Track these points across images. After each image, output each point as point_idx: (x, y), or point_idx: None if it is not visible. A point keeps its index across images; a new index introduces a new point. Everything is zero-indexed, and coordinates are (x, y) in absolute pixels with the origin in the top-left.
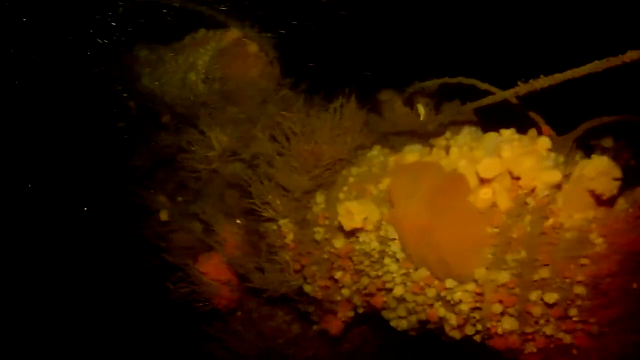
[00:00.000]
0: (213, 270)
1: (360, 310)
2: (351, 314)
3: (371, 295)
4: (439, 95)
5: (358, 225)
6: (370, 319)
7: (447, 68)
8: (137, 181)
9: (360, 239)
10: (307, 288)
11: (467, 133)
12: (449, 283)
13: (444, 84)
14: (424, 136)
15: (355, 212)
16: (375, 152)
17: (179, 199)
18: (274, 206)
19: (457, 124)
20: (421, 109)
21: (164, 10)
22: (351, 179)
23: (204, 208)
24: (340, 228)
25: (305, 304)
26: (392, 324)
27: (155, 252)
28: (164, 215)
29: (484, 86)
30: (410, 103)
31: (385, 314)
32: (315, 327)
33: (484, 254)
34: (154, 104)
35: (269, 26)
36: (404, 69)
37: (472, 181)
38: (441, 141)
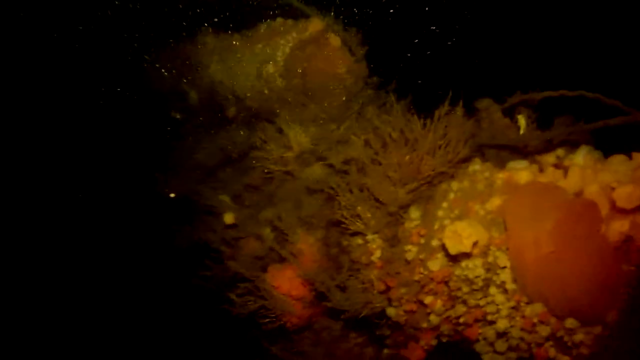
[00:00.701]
0: (286, 284)
1: (445, 340)
2: (434, 342)
3: (466, 325)
4: (542, 107)
5: (467, 249)
6: (454, 350)
7: (546, 80)
8: (200, 179)
9: (463, 264)
10: (391, 311)
11: (587, 153)
12: (570, 323)
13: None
14: (523, 151)
15: (464, 235)
16: (478, 166)
17: (247, 202)
18: (365, 219)
19: (567, 142)
20: (522, 122)
21: None
22: (452, 195)
23: (279, 214)
24: (442, 249)
25: (383, 328)
26: (485, 358)
27: (216, 259)
28: (229, 218)
29: (611, 102)
30: (510, 114)
31: (480, 347)
32: (386, 351)
33: (617, 295)
34: (220, 96)
35: (355, 19)
36: (504, 77)
37: (604, 209)
38: (549, 158)
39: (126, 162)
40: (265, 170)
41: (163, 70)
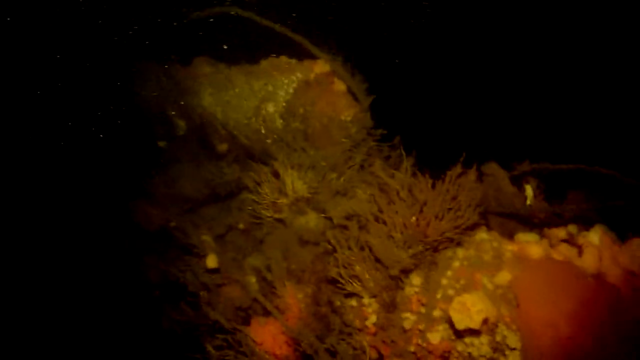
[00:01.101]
0: (270, 341)
1: None
2: None
3: None
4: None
5: (476, 325)
6: None
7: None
8: (181, 212)
9: (467, 340)
10: None
11: (603, 233)
12: None
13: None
14: (529, 222)
15: (474, 310)
16: (485, 234)
17: (230, 245)
18: (363, 280)
19: (579, 218)
20: (530, 192)
21: (237, 26)
22: (457, 263)
23: (267, 263)
24: (444, 321)
25: None
26: None
27: (192, 303)
28: (211, 262)
29: (610, 173)
30: (517, 182)
31: None
32: None
33: None
34: (211, 128)
35: (362, 67)
36: (513, 142)
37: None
38: (559, 233)
39: (102, 186)
40: (255, 215)
41: (151, 93)
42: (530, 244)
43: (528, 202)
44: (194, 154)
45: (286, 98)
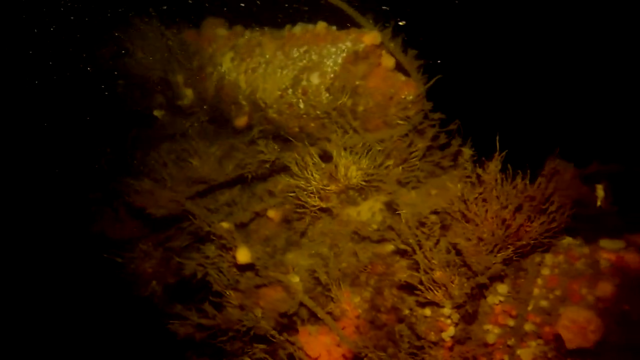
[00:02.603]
0: (325, 355)
1: None
2: None
3: None
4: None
5: (589, 344)
6: None
7: None
8: (190, 196)
9: None
10: None
11: None
12: None
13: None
14: (603, 225)
15: (590, 328)
16: (570, 239)
17: (255, 236)
18: (448, 287)
19: None
20: (601, 193)
21: None
22: (546, 271)
23: (314, 261)
24: (537, 336)
25: None
26: None
27: (218, 304)
28: (243, 255)
29: None
30: (588, 181)
31: None
32: None
33: None
34: (229, 99)
35: (416, 41)
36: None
37: None
38: None
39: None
40: (298, 202)
41: (149, 55)
42: (628, 252)
43: (598, 203)
44: (202, 127)
45: (334, 69)
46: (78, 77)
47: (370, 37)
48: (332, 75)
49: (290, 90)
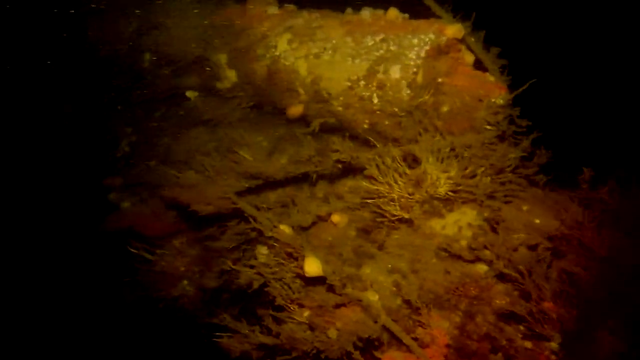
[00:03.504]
0: None
1: None
2: None
3: None
4: None
5: None
6: None
7: None
8: (240, 191)
9: None
10: None
11: None
12: None
13: None
14: None
15: None
16: None
17: (316, 242)
18: (561, 319)
19: None
20: None
21: None
22: None
23: (395, 277)
24: None
25: None
26: None
27: (278, 319)
28: (313, 266)
29: None
30: None
31: None
32: None
33: None
34: (283, 85)
35: (498, 37)
36: None
37: None
38: None
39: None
40: (375, 210)
41: (186, 31)
42: None
43: None
44: (244, 113)
45: (417, 63)
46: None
47: (453, 29)
48: (414, 70)
49: (362, 82)
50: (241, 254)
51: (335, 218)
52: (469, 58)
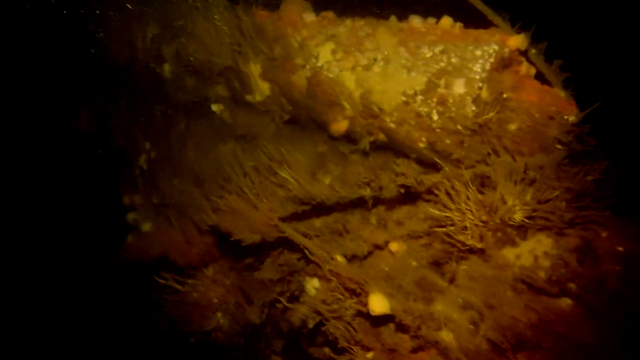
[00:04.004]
0: None
1: None
2: None
3: None
4: None
5: None
6: None
7: None
8: (285, 216)
9: None
10: None
11: None
12: None
13: None
14: None
15: None
16: None
17: (373, 272)
18: None
19: None
20: None
21: None
22: None
23: (479, 315)
24: None
25: None
26: None
27: None
28: (379, 304)
29: None
30: None
31: None
32: None
33: None
34: (326, 99)
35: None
36: None
37: None
38: None
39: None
40: (444, 239)
41: (214, 39)
42: None
43: None
44: (278, 129)
45: (482, 77)
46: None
47: (517, 40)
48: (480, 84)
49: (419, 97)
50: (286, 286)
51: (394, 246)
52: (531, 71)
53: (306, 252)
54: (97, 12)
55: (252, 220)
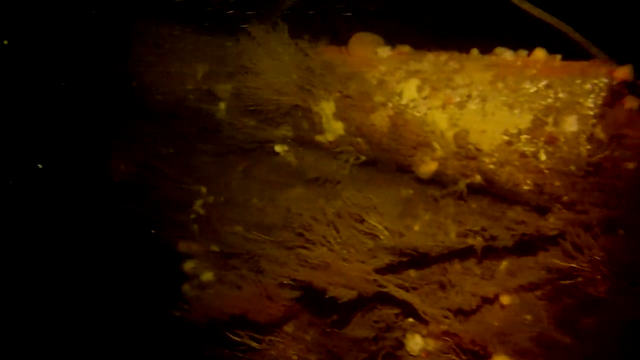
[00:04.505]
0: None
1: None
2: None
3: None
4: None
5: None
6: None
7: None
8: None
9: None
10: None
11: None
12: None
13: None
14: None
15: None
16: None
17: None
18: None
19: None
20: None
21: None
22: None
23: None
24: None
25: None
26: None
27: None
28: None
29: None
30: None
31: None
32: None
33: None
34: (412, 139)
35: None
36: None
37: None
38: None
39: None
40: (568, 291)
41: (283, 75)
42: None
43: None
44: (352, 171)
45: (595, 112)
46: None
47: (624, 71)
48: (593, 121)
49: (524, 136)
50: (381, 343)
51: (505, 299)
52: (634, 104)
53: (409, 307)
54: (138, 52)
55: (347, 275)
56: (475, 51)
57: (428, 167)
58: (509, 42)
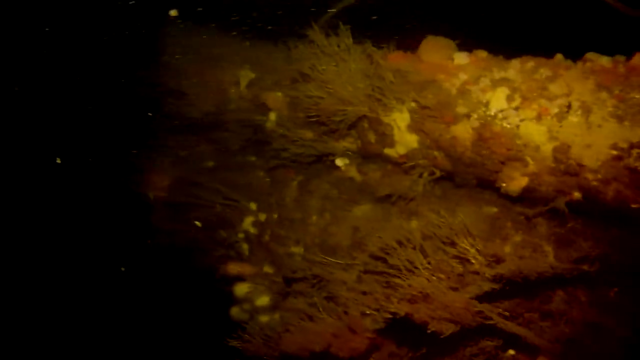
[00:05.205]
0: None
1: None
2: None
3: None
4: None
5: None
6: None
7: None
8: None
9: None
10: None
11: None
12: None
13: None
14: None
15: None
16: None
17: None
18: None
19: None
20: None
21: None
22: None
23: None
24: None
25: None
26: None
27: None
28: None
29: None
30: None
31: None
32: None
33: None
34: (500, 154)
35: None
36: None
37: None
38: None
39: None
40: None
41: (348, 84)
42: None
43: None
44: (429, 187)
45: None
46: None
47: None
48: None
49: (636, 151)
50: None
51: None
52: None
53: (513, 337)
54: (173, 61)
55: (451, 307)
56: (559, 56)
57: (518, 183)
58: (595, 45)
